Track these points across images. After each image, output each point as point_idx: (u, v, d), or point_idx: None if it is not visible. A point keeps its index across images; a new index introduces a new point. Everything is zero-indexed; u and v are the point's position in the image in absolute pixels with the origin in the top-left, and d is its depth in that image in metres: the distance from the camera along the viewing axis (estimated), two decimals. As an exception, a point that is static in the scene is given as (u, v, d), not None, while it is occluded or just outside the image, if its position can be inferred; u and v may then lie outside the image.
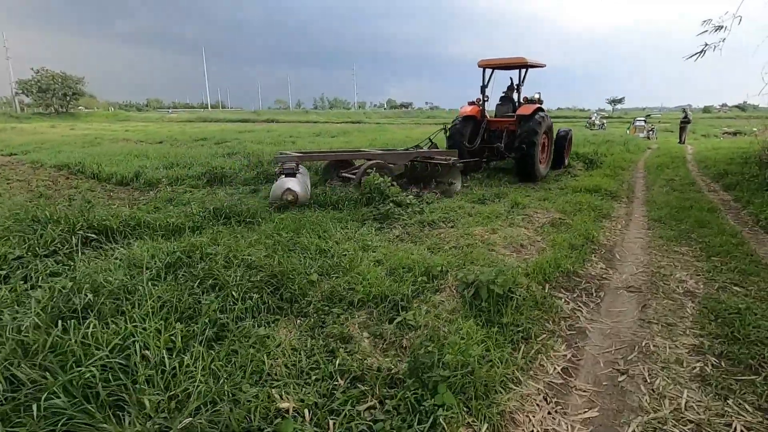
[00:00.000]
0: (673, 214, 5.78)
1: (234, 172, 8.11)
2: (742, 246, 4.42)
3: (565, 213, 5.69)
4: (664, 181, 8.72)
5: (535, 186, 7.91)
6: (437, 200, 6.51)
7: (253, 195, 6.55)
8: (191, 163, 9.24)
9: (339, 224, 4.84)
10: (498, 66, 9.05)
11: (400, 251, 4.00)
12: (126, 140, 20.55)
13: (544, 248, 4.31)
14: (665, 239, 4.75)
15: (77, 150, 13.11)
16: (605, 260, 4.05)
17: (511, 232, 4.79)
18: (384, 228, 4.99)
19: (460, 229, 4.91)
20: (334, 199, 5.90)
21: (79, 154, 11.63)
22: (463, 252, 4.02)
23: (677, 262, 4.02)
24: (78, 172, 9.33)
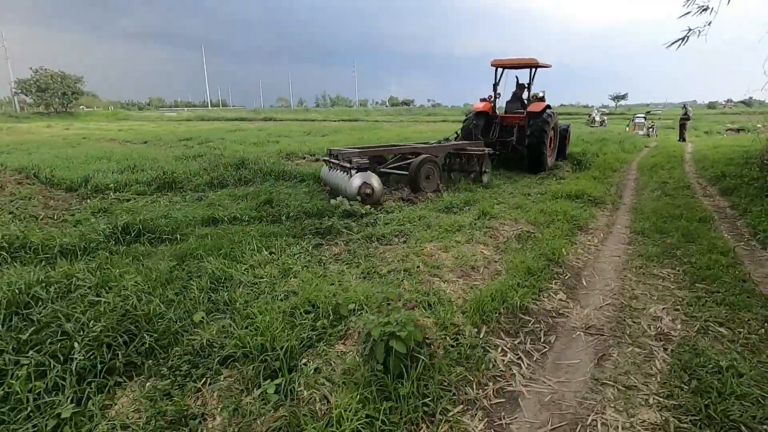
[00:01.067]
0: (659, 225, 5.11)
1: (187, 177, 7.49)
2: (733, 268, 3.75)
3: (537, 225, 5.04)
4: (656, 183, 8.03)
5: (514, 192, 7.25)
6: (401, 209, 5.88)
7: (195, 203, 5.92)
8: (150, 166, 8.64)
9: (272, 241, 4.21)
10: (510, 66, 9.74)
11: (323, 278, 3.37)
12: (112, 140, 20.19)
13: (499, 272, 3.67)
14: (645, 258, 4.08)
15: (53, 151, 12.58)
16: (567, 288, 3.40)
17: (466, 250, 4.14)
18: (324, 245, 4.36)
19: (410, 246, 4.28)
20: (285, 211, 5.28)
21: (47, 156, 11.09)
22: (398, 279, 3.39)
23: (654, 291, 3.37)
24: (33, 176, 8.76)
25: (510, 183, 8.16)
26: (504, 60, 9.60)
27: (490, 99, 9.85)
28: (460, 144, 8.35)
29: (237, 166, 7.84)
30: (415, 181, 6.84)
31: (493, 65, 9.72)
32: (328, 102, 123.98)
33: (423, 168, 6.92)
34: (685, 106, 18.47)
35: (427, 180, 7.03)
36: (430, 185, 7.06)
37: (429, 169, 7.06)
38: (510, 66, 9.77)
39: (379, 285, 3.22)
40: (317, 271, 3.55)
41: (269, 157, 8.76)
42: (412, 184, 6.87)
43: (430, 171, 7.09)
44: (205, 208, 5.54)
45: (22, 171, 9.39)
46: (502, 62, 9.62)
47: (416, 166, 6.85)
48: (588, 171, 9.08)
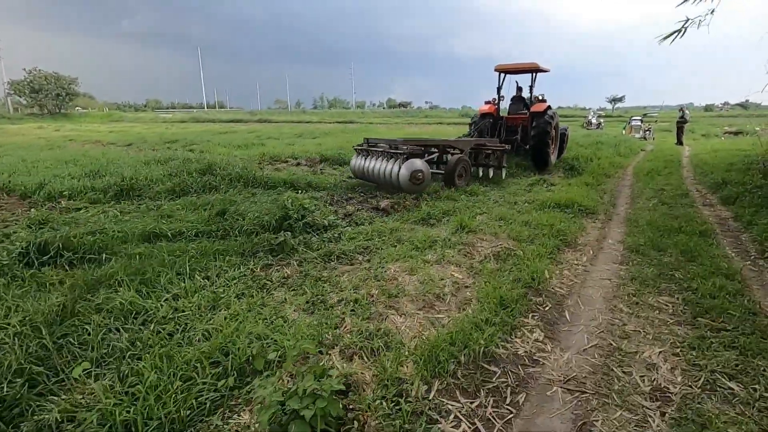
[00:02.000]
0: (656, 241, 4.58)
1: (148, 184, 6.93)
2: (742, 296, 3.23)
3: (519, 240, 4.51)
4: (653, 191, 7.52)
5: (500, 200, 6.72)
6: (372, 220, 5.35)
7: (146, 213, 5.36)
8: (113, 171, 8.07)
9: (211, 261, 3.67)
10: (512, 70, 10.30)
11: (258, 312, 2.83)
12: (97, 142, 19.74)
13: (469, 301, 3.13)
14: (639, 282, 3.56)
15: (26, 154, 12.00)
16: (546, 324, 2.86)
17: (435, 272, 3.61)
18: (273, 265, 3.82)
19: (372, 267, 3.75)
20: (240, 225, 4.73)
21: (14, 159, 10.54)
22: (346, 312, 2.85)
23: (649, 327, 2.83)
24: (-8, 182, 8.20)
25: (497, 189, 7.63)
26: (507, 65, 10.17)
27: (494, 101, 10.47)
28: (481, 140, 8.84)
29: (203, 171, 7.29)
30: (452, 178, 7.40)
31: (496, 70, 10.27)
32: (326, 104, 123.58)
33: (458, 166, 7.51)
34: (682, 108, 18.00)
35: (460, 177, 7.57)
36: (462, 182, 7.61)
37: (462, 168, 7.65)
38: (513, 71, 10.34)
39: (321, 319, 2.68)
40: (253, 302, 3.02)
41: (242, 162, 8.20)
42: (448, 180, 7.42)
43: (463, 169, 7.69)
44: (153, 219, 4.98)
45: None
46: (505, 67, 10.20)
47: (453, 164, 7.42)
48: (580, 177, 8.56)
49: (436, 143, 8.17)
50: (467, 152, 8.10)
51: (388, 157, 6.86)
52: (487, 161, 8.54)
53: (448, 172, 7.44)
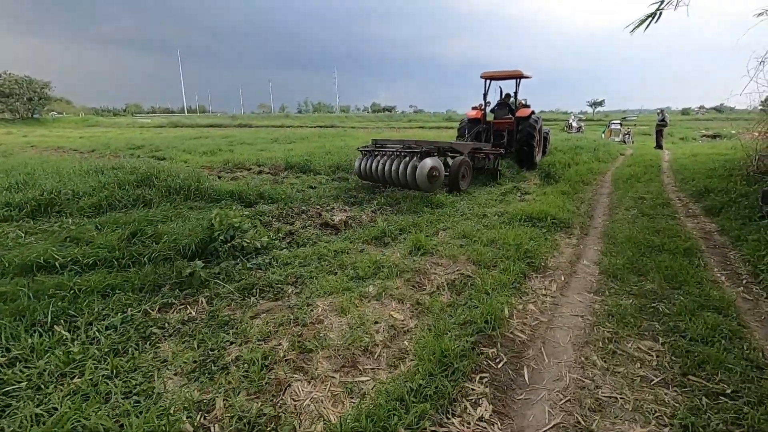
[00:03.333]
0: (636, 262, 4.00)
1: (73, 198, 6.11)
2: (740, 339, 2.64)
3: (480, 264, 3.87)
4: (632, 200, 7.00)
5: (469, 212, 6.10)
6: (319, 239, 4.66)
7: (51, 235, 4.55)
8: (43, 183, 7.20)
9: (92, 302, 2.94)
10: (498, 77, 10.70)
11: (121, 380, 2.12)
12: (58, 149, 18.74)
13: (404, 355, 2.46)
14: (617, 320, 2.94)
15: None
16: (498, 392, 2.20)
17: (371, 312, 2.95)
18: (176, 304, 3.10)
19: (297, 304, 3.07)
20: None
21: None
22: (237, 378, 2.16)
23: (629, 390, 2.20)
24: None
25: (468, 199, 7.02)
26: (492, 72, 10.56)
27: (481, 107, 10.66)
28: (479, 144, 9.01)
29: (138, 183, 6.49)
30: (455, 181, 7.43)
31: (482, 77, 10.66)
32: (310, 108, 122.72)
33: (461, 168, 7.53)
34: (661, 111, 17.78)
35: (463, 179, 7.64)
36: (465, 183, 7.71)
37: (465, 170, 7.71)
38: (498, 77, 10.72)
39: (195, 394, 1.97)
40: (122, 364, 2.30)
41: (187, 172, 7.41)
42: (452, 183, 7.44)
43: (465, 171, 7.75)
44: (53, 243, 4.20)
45: None
46: (490, 74, 10.57)
47: (457, 166, 7.42)
48: (557, 185, 8.01)
49: (438, 145, 7.93)
50: (466, 154, 8.00)
51: (402, 156, 6.91)
52: (482, 164, 8.90)
53: (453, 174, 7.40)
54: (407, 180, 6.63)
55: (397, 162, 6.85)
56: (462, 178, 7.63)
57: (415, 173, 6.52)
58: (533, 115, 10.24)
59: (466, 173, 7.77)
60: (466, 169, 7.74)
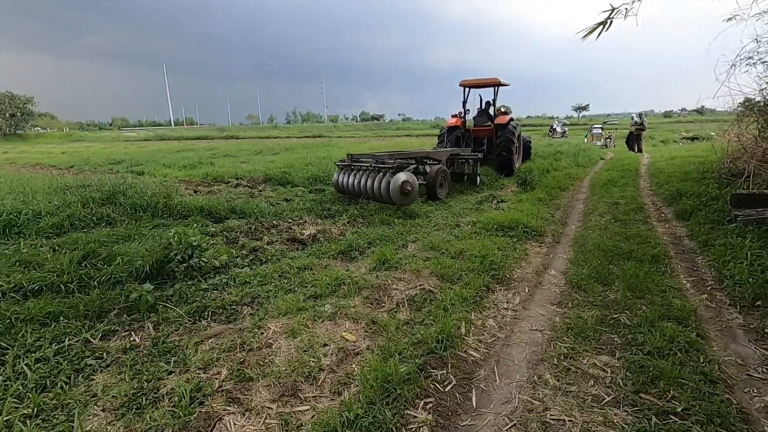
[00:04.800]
0: (602, 270, 3.95)
1: (33, 218, 5.90)
2: (697, 351, 2.57)
3: (443, 278, 3.78)
4: (607, 205, 7.00)
5: (442, 222, 6.03)
6: (281, 258, 4.54)
7: (3, 258, 4.36)
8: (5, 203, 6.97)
9: (38, 330, 2.79)
10: (476, 85, 10.76)
11: (44, 418, 1.98)
12: (36, 165, 18.55)
13: (349, 381, 2.35)
14: (575, 334, 2.87)
15: None
16: (441, 419, 2.09)
17: (322, 333, 2.84)
18: (120, 331, 2.95)
19: (247, 328, 2.95)
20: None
21: None
22: (164, 413, 2.03)
23: (578, 411, 2.12)
24: None
25: (444, 209, 6.96)
26: (471, 80, 10.68)
27: (461, 115, 10.86)
28: (457, 150, 9.14)
29: (102, 201, 6.32)
30: (433, 190, 7.47)
31: (461, 85, 10.77)
32: (299, 118, 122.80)
33: (438, 176, 7.53)
34: (640, 115, 18.02)
35: (440, 188, 7.64)
36: (443, 192, 7.70)
37: (442, 179, 7.69)
38: (476, 85, 10.78)
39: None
40: (47, 400, 2.16)
41: (156, 188, 7.24)
42: (430, 193, 7.48)
43: (443, 179, 7.74)
44: (4, 267, 4.03)
45: None
46: (468, 82, 10.69)
47: (434, 175, 7.43)
48: (533, 192, 7.99)
49: (414, 155, 8.06)
50: (444, 162, 8.11)
51: (376, 172, 6.86)
52: (462, 169, 9.07)
53: (430, 184, 7.43)
54: (382, 195, 6.67)
55: (372, 177, 6.86)
56: (440, 186, 7.62)
57: (388, 188, 6.51)
58: (512, 122, 10.29)
59: (443, 182, 7.75)
60: (443, 177, 7.71)
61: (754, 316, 3.07)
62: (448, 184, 7.95)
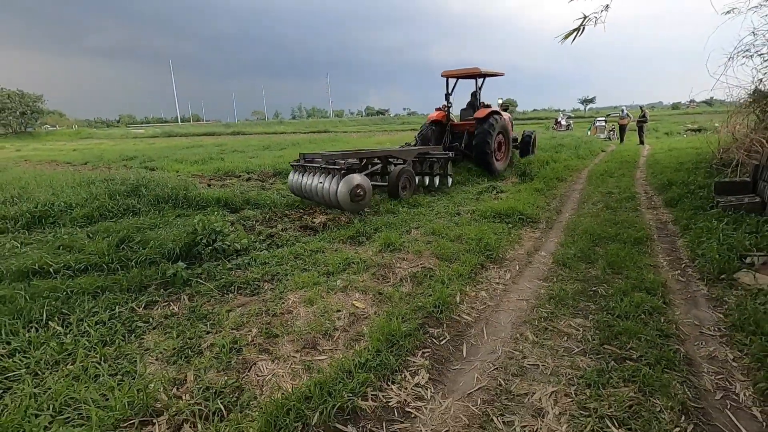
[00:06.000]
0: (587, 251, 4.35)
1: (66, 209, 6.40)
2: (660, 314, 2.98)
3: (443, 258, 4.21)
4: (602, 194, 7.37)
5: (443, 211, 6.44)
6: (297, 240, 4.97)
7: (44, 243, 4.85)
8: (36, 196, 7.48)
9: (80, 302, 3.25)
10: (458, 76, 10.18)
11: (109, 366, 2.44)
12: (52, 162, 19.07)
13: (361, 336, 2.79)
14: (557, 302, 3.28)
15: None
16: (436, 364, 2.52)
17: (335, 302, 3.27)
18: (159, 302, 3.41)
19: (270, 298, 3.39)
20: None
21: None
22: (208, 359, 2.48)
23: (550, 359, 2.53)
24: None
25: (446, 199, 7.37)
26: (452, 71, 10.08)
27: (444, 108, 10.22)
28: (424, 148, 8.46)
29: (127, 194, 6.81)
30: (395, 190, 7.08)
31: (443, 76, 10.22)
32: (304, 114, 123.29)
33: (402, 177, 7.15)
34: (642, 108, 18.24)
35: (404, 189, 7.24)
36: (407, 193, 7.29)
37: (406, 179, 7.30)
38: (458, 76, 10.20)
39: (170, 372, 2.29)
40: (110, 352, 2.62)
41: (175, 181, 7.73)
42: (392, 192, 7.11)
43: (407, 180, 7.33)
44: (48, 251, 4.51)
45: None
46: (450, 73, 10.11)
47: (395, 176, 7.05)
48: (532, 183, 8.38)
49: (377, 154, 7.84)
50: (410, 162, 7.72)
51: (325, 173, 6.34)
52: (432, 170, 8.17)
53: (392, 184, 7.10)
54: (330, 199, 6.11)
55: (322, 179, 6.29)
56: (403, 188, 7.18)
57: (337, 193, 5.92)
58: (494, 116, 9.38)
59: (407, 182, 7.30)
60: (407, 178, 7.26)
61: (717, 287, 3.46)
62: (413, 184, 7.43)
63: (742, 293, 3.27)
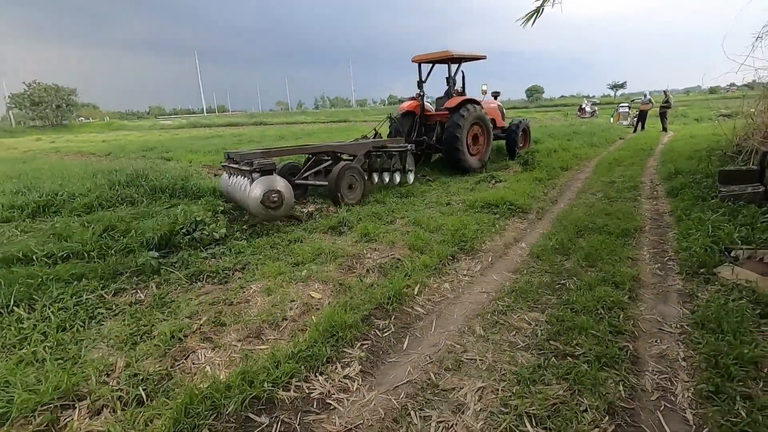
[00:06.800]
0: (566, 243, 4.21)
1: (69, 199, 6.66)
2: (621, 309, 2.85)
3: (414, 248, 4.16)
4: (604, 184, 7.10)
5: (435, 200, 6.35)
6: (275, 232, 5.01)
7: (40, 232, 5.06)
8: (46, 186, 7.80)
9: (63, 288, 3.38)
10: (430, 60, 9.11)
11: (59, 351, 2.53)
12: (78, 153, 19.84)
13: (306, 328, 2.79)
14: (516, 295, 3.19)
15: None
16: (372, 356, 2.49)
17: (293, 292, 3.29)
18: (129, 289, 3.51)
19: (231, 288, 3.44)
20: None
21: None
22: (151, 347, 2.54)
23: (490, 353, 2.47)
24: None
25: (441, 188, 7.29)
26: (423, 55, 9.02)
27: (418, 97, 9.15)
28: (380, 141, 7.54)
29: (126, 184, 7.01)
30: (336, 192, 5.99)
31: (413, 61, 9.15)
32: (327, 104, 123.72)
33: (344, 177, 6.08)
34: (665, 93, 17.39)
35: (350, 189, 6.22)
36: (354, 195, 6.24)
37: (351, 178, 6.22)
38: (430, 60, 9.15)
39: (103, 359, 2.36)
40: (65, 338, 2.71)
41: (175, 171, 7.90)
42: (333, 195, 6.04)
43: (353, 178, 6.25)
44: (41, 240, 4.70)
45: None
46: (421, 58, 9.05)
47: (336, 176, 5.95)
48: (533, 172, 8.14)
49: (323, 149, 6.87)
50: (361, 157, 6.78)
51: (241, 175, 5.47)
52: (390, 165, 7.19)
53: (332, 186, 5.96)
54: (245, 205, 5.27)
55: (240, 182, 5.46)
56: (349, 188, 6.17)
57: (248, 198, 5.04)
58: (467, 105, 8.33)
59: (354, 181, 6.23)
60: (353, 177, 6.21)
61: (693, 282, 3.28)
62: (361, 183, 6.33)
63: (719, 288, 3.09)
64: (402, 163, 7.25)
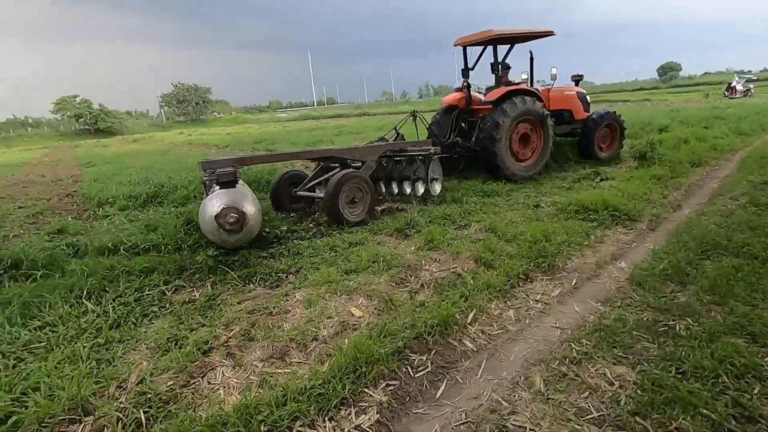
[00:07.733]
0: (684, 266, 3.24)
1: (172, 190, 7.34)
2: (763, 378, 2.01)
3: (480, 262, 3.58)
4: (751, 185, 5.55)
5: (520, 203, 5.59)
6: (339, 232, 4.81)
7: (138, 222, 5.58)
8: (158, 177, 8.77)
9: (121, 281, 3.59)
10: (474, 42, 7.32)
11: (100, 351, 2.61)
12: (204, 145, 22.43)
13: (332, 355, 2.48)
14: (601, 338, 2.47)
15: (137, 161, 13.76)
16: (396, 402, 2.06)
17: (332, 306, 3.01)
18: (186, 287, 3.59)
19: (277, 295, 3.31)
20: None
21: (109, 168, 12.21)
22: (172, 360, 2.46)
23: (548, 423, 1.88)
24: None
25: (532, 186, 6.45)
26: (466, 37, 7.26)
27: (465, 87, 7.48)
28: (398, 144, 6.17)
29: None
30: (334, 209, 4.89)
31: (456, 45, 7.50)
32: (431, 92, 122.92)
33: (343, 189, 4.92)
34: None
35: (353, 204, 5.10)
36: (357, 211, 5.12)
37: (353, 190, 5.07)
38: (473, 43, 7.32)
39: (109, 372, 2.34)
40: (112, 336, 2.81)
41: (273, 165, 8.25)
42: (330, 212, 4.95)
43: (358, 190, 5.11)
44: (136, 229, 5.17)
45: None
46: (465, 40, 7.29)
47: (332, 189, 4.83)
48: (650, 168, 6.75)
49: (318, 155, 5.77)
50: (371, 164, 5.60)
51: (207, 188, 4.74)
52: (411, 173, 6.00)
53: (328, 201, 4.86)
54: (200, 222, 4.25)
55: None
56: (351, 203, 5.07)
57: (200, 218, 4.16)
58: (513, 98, 6.68)
59: (358, 194, 5.13)
60: (357, 187, 5.10)
61: None
62: (369, 195, 5.19)
63: None
64: (425, 171, 5.79)
